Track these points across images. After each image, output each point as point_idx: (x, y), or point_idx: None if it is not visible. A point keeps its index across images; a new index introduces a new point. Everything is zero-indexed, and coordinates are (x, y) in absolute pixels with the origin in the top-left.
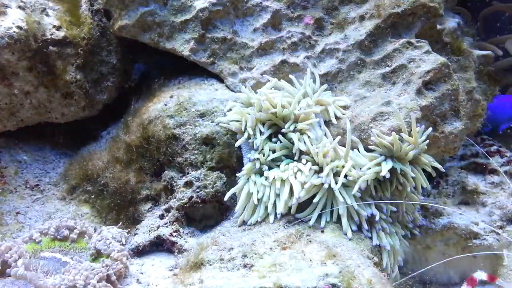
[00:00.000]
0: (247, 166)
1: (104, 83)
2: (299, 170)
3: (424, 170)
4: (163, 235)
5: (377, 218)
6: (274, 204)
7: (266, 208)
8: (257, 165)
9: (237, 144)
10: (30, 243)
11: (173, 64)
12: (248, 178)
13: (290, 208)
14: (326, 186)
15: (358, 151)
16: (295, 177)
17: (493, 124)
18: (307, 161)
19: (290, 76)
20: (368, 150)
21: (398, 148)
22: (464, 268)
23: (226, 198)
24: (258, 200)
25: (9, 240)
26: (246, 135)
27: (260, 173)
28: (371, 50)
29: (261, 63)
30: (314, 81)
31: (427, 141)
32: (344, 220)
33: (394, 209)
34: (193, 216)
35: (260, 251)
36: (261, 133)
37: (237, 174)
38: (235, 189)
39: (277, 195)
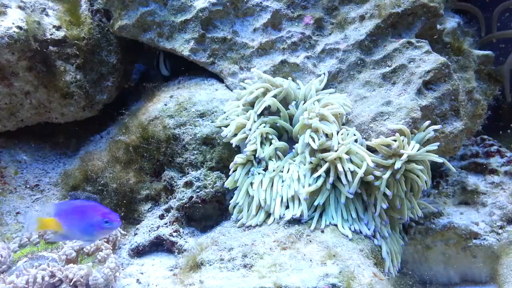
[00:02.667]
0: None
1: (104, 83)
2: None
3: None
4: (163, 235)
5: (370, 232)
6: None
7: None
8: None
9: (234, 142)
10: (29, 246)
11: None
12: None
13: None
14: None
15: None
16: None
17: None
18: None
19: (298, 81)
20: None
21: (401, 146)
22: (464, 268)
23: (232, 213)
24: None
25: None
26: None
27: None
28: (371, 50)
29: (261, 63)
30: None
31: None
32: (340, 225)
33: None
34: (193, 216)
35: (260, 251)
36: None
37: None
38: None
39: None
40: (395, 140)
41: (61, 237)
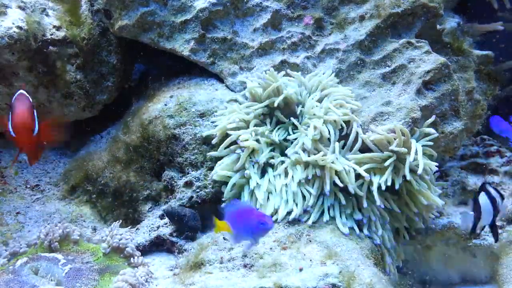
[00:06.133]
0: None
1: (104, 83)
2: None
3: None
4: (163, 235)
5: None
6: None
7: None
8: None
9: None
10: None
11: (173, 64)
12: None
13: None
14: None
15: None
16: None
17: None
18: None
19: (294, 73)
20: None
21: (400, 142)
22: (464, 268)
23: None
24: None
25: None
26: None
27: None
28: (371, 50)
29: (261, 63)
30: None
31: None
32: (339, 221)
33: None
34: None
35: (260, 251)
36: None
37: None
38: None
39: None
40: (395, 139)
41: (233, 239)
